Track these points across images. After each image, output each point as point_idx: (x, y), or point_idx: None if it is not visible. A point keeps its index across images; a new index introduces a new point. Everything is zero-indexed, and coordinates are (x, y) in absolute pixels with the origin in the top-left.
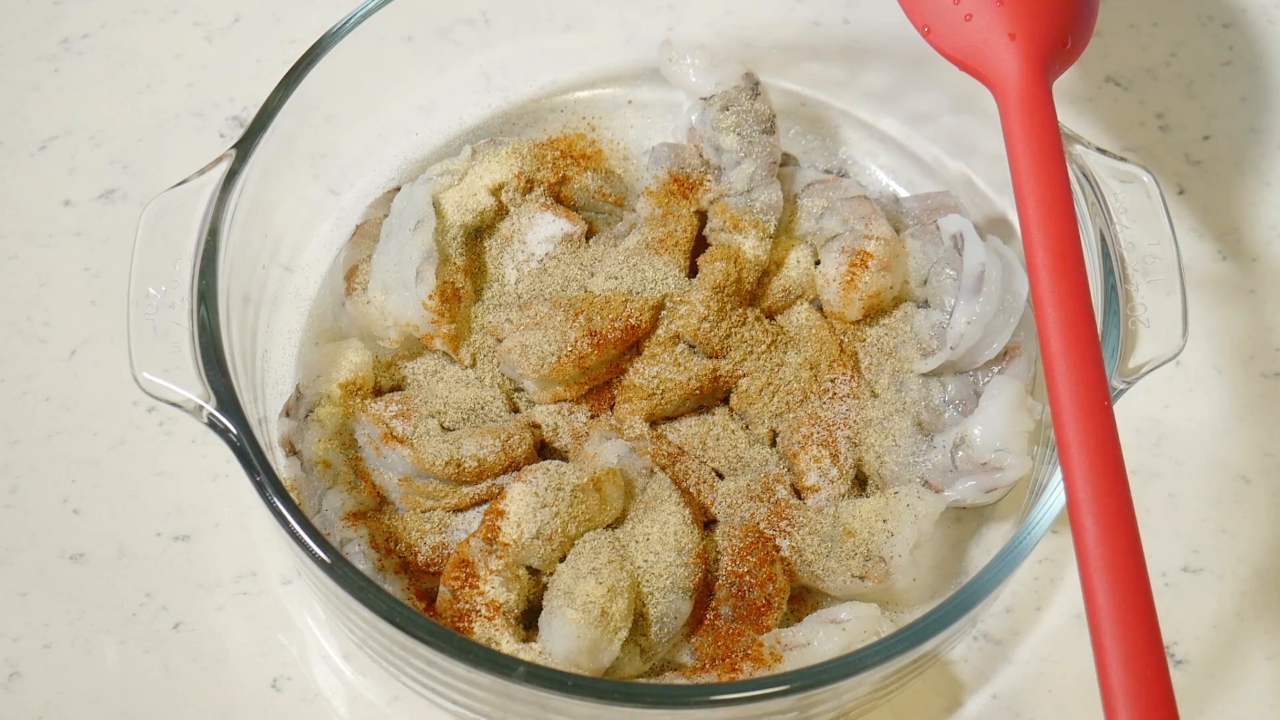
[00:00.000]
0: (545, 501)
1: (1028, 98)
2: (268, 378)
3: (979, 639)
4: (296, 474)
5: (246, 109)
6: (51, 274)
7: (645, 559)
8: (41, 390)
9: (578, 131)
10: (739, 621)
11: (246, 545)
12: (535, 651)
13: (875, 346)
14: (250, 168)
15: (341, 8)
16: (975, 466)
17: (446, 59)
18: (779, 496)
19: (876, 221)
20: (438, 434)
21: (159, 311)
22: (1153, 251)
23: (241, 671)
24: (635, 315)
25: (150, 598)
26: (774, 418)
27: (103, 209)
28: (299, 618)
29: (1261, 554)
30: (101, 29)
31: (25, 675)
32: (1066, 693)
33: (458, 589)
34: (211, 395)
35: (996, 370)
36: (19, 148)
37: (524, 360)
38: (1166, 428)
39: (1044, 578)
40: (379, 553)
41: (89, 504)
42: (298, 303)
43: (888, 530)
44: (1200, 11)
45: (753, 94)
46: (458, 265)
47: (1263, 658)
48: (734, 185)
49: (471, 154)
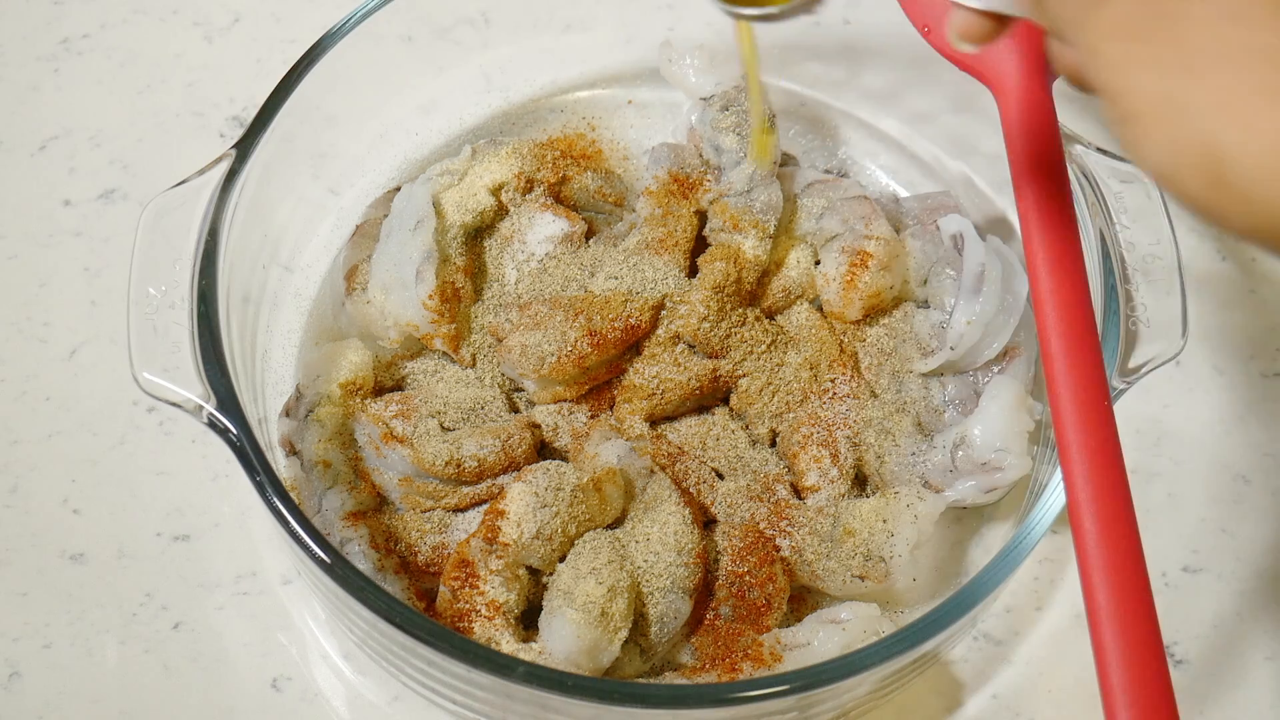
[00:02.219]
0: (545, 501)
1: (1028, 98)
2: (268, 378)
3: (979, 639)
4: (296, 474)
5: (246, 109)
6: (51, 274)
7: (645, 559)
8: (41, 390)
9: (578, 131)
10: (739, 621)
11: (246, 545)
12: (535, 651)
13: (875, 346)
14: (250, 168)
15: (341, 8)
16: (975, 466)
17: (446, 59)
18: (779, 496)
19: (876, 221)
20: (438, 434)
21: (159, 311)
22: (1153, 251)
23: (241, 671)
24: (635, 315)
25: (150, 598)
26: (774, 418)
27: (103, 209)
28: (299, 618)
29: (1261, 554)
30: (101, 29)
31: (25, 675)
32: (1066, 693)
33: (458, 589)
34: (211, 395)
35: (996, 370)
36: (19, 148)
37: (524, 360)
38: (1166, 428)
39: (1044, 578)
40: (379, 553)
41: (89, 504)
42: (298, 303)
43: (888, 530)
44: None
45: None
46: (458, 265)
47: (1263, 658)
48: (734, 185)
49: (471, 154)
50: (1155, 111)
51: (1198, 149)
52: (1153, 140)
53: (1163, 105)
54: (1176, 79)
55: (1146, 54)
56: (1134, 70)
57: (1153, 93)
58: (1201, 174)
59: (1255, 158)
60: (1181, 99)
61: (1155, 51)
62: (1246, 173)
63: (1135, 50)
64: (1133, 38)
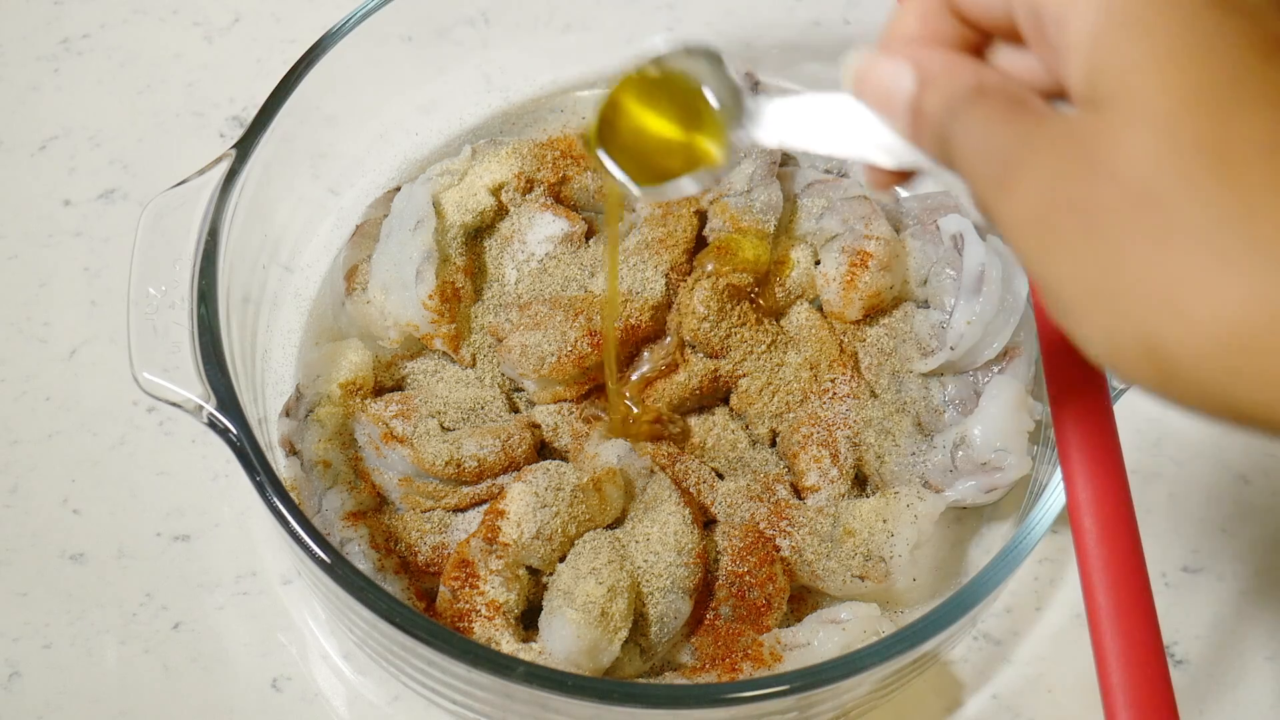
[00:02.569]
0: (545, 501)
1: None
2: (268, 378)
3: (979, 639)
4: (296, 474)
5: (246, 109)
6: (51, 274)
7: (645, 559)
8: (41, 390)
9: (578, 131)
10: (739, 621)
11: (246, 545)
12: (535, 651)
13: (875, 346)
14: (250, 168)
15: (341, 8)
16: (975, 466)
17: (446, 59)
18: (779, 496)
19: (876, 221)
20: (438, 434)
21: (159, 311)
22: None
23: (241, 671)
24: (635, 315)
25: (150, 598)
26: (774, 418)
27: (103, 209)
28: (299, 618)
29: (1261, 554)
30: (101, 29)
31: (25, 675)
32: (1066, 693)
33: (458, 589)
34: (211, 395)
35: (996, 370)
36: (19, 148)
37: (524, 360)
38: (1166, 428)
39: (1044, 578)
40: (379, 553)
41: (89, 504)
42: (298, 303)
43: (888, 530)
44: None
45: (752, 94)
46: (458, 265)
47: (1263, 658)
48: (734, 185)
49: (471, 154)
50: (1086, 304)
51: (1138, 343)
52: (1089, 333)
53: (1092, 298)
54: (1101, 271)
55: (1063, 247)
56: (1054, 262)
57: (1079, 286)
58: (1149, 366)
59: (1197, 351)
60: (1110, 291)
61: (1073, 244)
62: (1193, 365)
63: (1051, 242)
64: (1046, 230)
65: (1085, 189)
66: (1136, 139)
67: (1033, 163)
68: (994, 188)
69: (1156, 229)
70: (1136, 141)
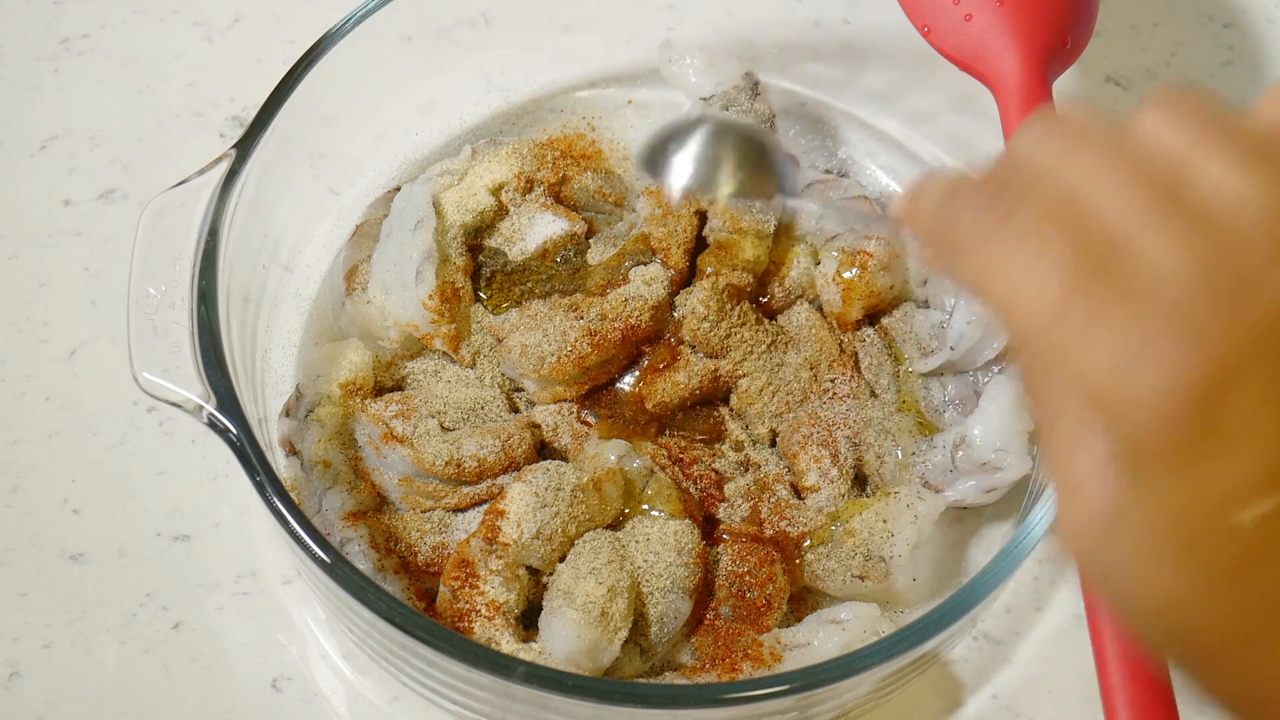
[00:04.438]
0: (545, 501)
1: (1028, 98)
2: (268, 378)
3: (979, 639)
4: (296, 474)
5: (246, 109)
6: (51, 274)
7: (645, 559)
8: (41, 390)
9: (578, 131)
10: (739, 621)
11: (246, 545)
12: (535, 651)
13: (875, 346)
14: (250, 168)
15: (341, 8)
16: (975, 466)
17: (446, 59)
18: (779, 496)
19: (877, 221)
20: (438, 434)
21: (159, 311)
22: None
23: (241, 671)
24: (635, 315)
25: (150, 598)
26: (774, 418)
27: (103, 209)
28: (299, 618)
29: None
30: (101, 29)
31: (25, 675)
32: (1066, 693)
33: (458, 589)
34: (211, 395)
35: (996, 370)
36: (19, 148)
37: (524, 360)
38: None
39: (1044, 578)
40: (379, 553)
41: (89, 504)
42: (298, 303)
43: (888, 530)
44: (1200, 11)
45: (753, 94)
46: (458, 265)
47: None
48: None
49: (471, 154)
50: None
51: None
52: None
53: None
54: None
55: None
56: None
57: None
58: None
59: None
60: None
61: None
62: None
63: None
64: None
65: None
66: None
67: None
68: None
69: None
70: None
